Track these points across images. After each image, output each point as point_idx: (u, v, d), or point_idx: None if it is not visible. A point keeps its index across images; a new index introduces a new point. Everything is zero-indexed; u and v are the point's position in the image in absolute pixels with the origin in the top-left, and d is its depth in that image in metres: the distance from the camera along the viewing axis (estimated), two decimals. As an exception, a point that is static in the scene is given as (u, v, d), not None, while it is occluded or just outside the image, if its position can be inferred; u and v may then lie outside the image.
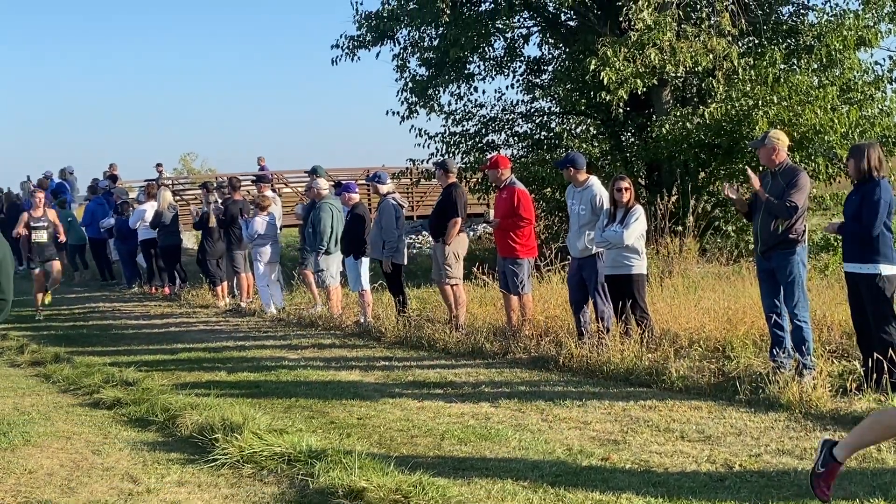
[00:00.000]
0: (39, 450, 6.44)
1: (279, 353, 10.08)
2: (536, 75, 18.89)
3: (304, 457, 5.72)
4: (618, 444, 6.08)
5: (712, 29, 14.39)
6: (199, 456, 6.06)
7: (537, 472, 5.51)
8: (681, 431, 6.30)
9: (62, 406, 7.95)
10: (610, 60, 13.48)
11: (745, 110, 13.85)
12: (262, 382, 8.60)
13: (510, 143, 18.02)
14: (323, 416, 7.14)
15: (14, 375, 9.35)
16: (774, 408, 6.73)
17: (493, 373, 8.52)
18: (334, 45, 17.36)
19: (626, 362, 8.05)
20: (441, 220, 10.53)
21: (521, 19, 17.96)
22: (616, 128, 17.12)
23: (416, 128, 17.29)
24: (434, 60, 16.93)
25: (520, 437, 6.30)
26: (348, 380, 8.54)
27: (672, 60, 13.62)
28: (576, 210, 9.17)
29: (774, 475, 5.33)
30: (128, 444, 6.53)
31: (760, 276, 7.66)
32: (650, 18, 13.67)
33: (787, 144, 7.56)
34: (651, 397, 7.28)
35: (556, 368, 8.49)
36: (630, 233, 8.44)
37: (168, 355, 10.27)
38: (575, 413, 6.92)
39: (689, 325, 8.88)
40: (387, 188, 11.45)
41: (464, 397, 7.58)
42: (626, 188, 8.62)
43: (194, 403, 7.32)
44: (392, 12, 16.87)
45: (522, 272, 9.73)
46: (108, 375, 8.80)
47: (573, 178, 9.22)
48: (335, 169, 26.57)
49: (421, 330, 10.24)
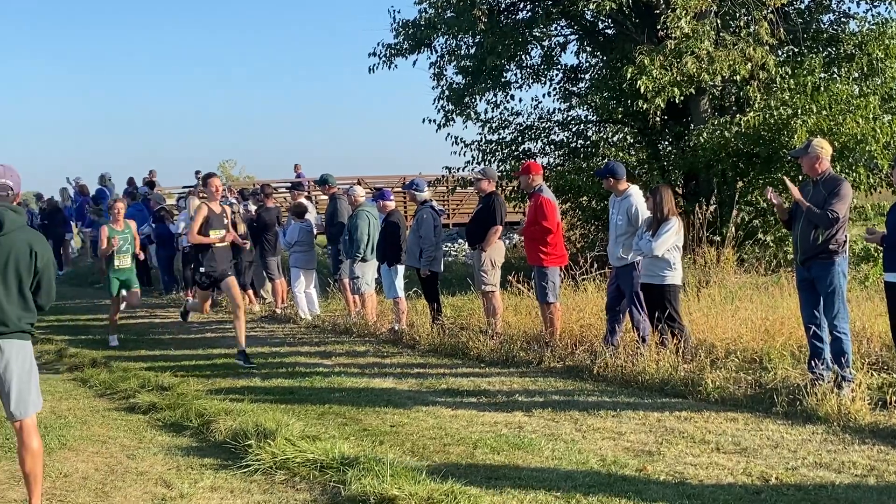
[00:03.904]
0: (75, 453, 6.51)
1: (313, 360, 10.11)
2: (573, 83, 18.81)
3: (336, 464, 5.74)
4: (652, 455, 6.02)
5: (751, 37, 14.25)
6: (232, 461, 6.10)
7: (570, 482, 5.47)
8: (716, 443, 6.23)
9: (98, 410, 8.04)
10: (647, 69, 13.39)
11: (785, 119, 13.68)
12: (295, 389, 8.63)
13: (546, 152, 17.94)
14: (356, 423, 7.15)
15: (52, 380, 9.45)
16: (812, 420, 6.63)
17: (527, 381, 8.48)
18: (372, 54, 17.39)
19: (661, 372, 7.98)
20: (479, 227, 10.52)
21: (558, 27, 17.90)
22: (653, 136, 16.99)
23: (452, 136, 17.28)
24: (471, 68, 16.90)
25: (553, 446, 6.26)
26: (382, 387, 8.54)
27: (709, 69, 13.49)
28: (614, 219, 9.12)
29: (812, 489, 5.24)
30: (162, 449, 6.58)
31: (800, 286, 7.56)
32: (688, 27, 13.57)
33: (829, 154, 7.46)
34: (686, 408, 7.21)
35: (590, 378, 8.43)
36: (660, 244, 8.35)
37: (203, 360, 10.35)
38: (609, 423, 6.86)
39: (726, 336, 8.79)
40: (425, 196, 11.46)
41: (497, 406, 7.55)
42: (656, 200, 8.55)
43: (228, 409, 7.38)
44: (429, 20, 16.87)
45: (547, 281, 9.67)
46: (144, 380, 8.90)
47: (613, 188, 9.16)
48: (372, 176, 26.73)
49: (455, 338, 10.22)
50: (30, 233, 5.10)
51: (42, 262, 5.04)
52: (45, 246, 5.17)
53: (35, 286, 5.06)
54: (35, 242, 5.05)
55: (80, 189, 24.13)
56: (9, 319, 4.96)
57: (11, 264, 4.94)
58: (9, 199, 5.06)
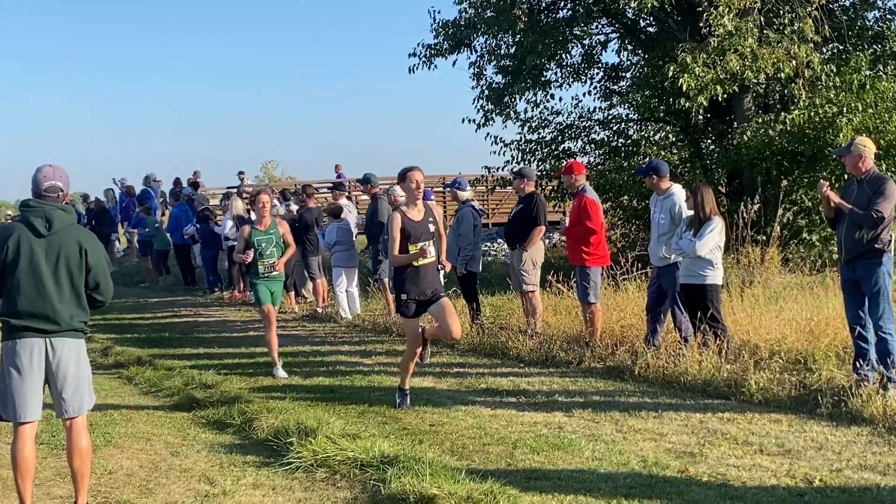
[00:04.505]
0: (120, 450, 6.61)
1: (354, 359, 10.17)
2: (614, 82, 18.71)
3: (376, 462, 5.77)
4: (694, 456, 5.98)
5: (795, 35, 14.07)
6: (274, 459, 6.16)
7: (611, 483, 5.45)
8: (760, 445, 6.17)
9: (143, 408, 8.15)
10: (689, 67, 13.28)
11: (830, 117, 13.49)
12: (336, 387, 8.68)
13: (587, 151, 17.86)
14: (396, 421, 7.18)
15: (98, 377, 9.56)
16: (857, 422, 6.55)
17: (567, 382, 8.45)
18: (412, 54, 17.43)
19: (703, 373, 7.91)
20: (519, 227, 10.50)
21: (599, 26, 17.81)
22: (696, 135, 16.85)
23: (491, 135, 17.27)
24: (510, 68, 16.87)
25: (593, 447, 6.24)
26: (421, 386, 8.56)
27: (753, 67, 13.35)
28: (656, 218, 9.05)
29: (856, 491, 5.17)
30: (205, 446, 6.66)
31: (844, 286, 7.46)
32: (731, 24, 13.44)
33: (873, 152, 7.35)
34: (729, 409, 7.14)
35: (631, 378, 8.38)
36: (703, 244, 8.28)
37: (246, 359, 10.44)
38: (650, 424, 6.82)
39: (770, 337, 8.69)
40: (466, 195, 11.47)
41: (537, 406, 7.54)
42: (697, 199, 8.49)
43: (270, 407, 7.45)
44: (469, 20, 16.86)
45: (588, 281, 9.62)
46: (188, 378, 9.01)
47: (655, 186, 9.09)
48: (412, 176, 26.70)
49: (494, 337, 10.22)
50: (79, 231, 5.19)
51: (93, 258, 5.12)
52: (96, 243, 5.24)
53: (92, 283, 5.14)
54: (84, 240, 5.13)
55: (127, 190, 24.48)
56: (61, 318, 5.04)
57: (62, 263, 5.03)
58: (59, 200, 5.15)
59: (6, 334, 5.05)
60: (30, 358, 5.00)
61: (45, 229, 5.01)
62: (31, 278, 4.99)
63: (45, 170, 5.18)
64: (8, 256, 5.01)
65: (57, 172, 5.20)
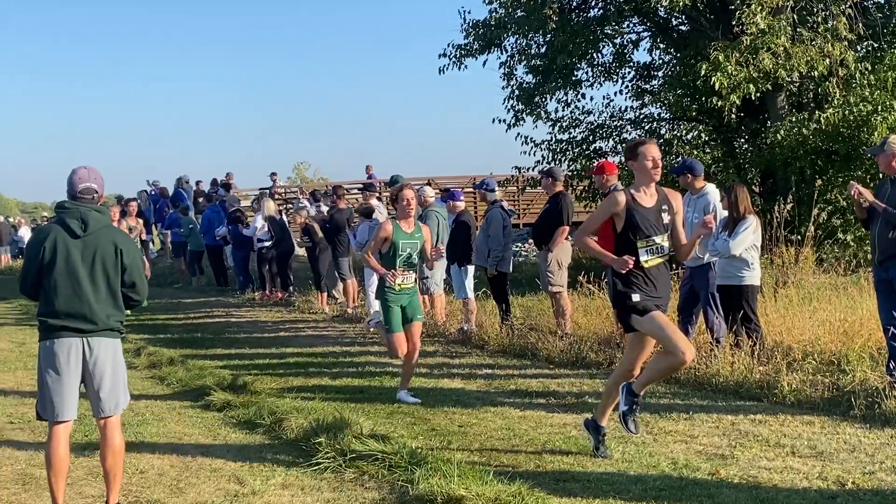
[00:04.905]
0: (151, 450, 6.66)
1: (383, 360, 10.17)
2: (646, 81, 18.60)
3: (404, 463, 5.76)
4: (725, 458, 5.92)
5: (829, 33, 13.91)
6: (303, 459, 6.17)
7: (640, 485, 5.41)
8: (792, 447, 6.10)
9: (175, 408, 8.22)
10: (722, 65, 13.19)
11: (864, 116, 13.33)
12: (365, 388, 8.71)
13: (618, 150, 17.72)
14: (424, 422, 7.18)
15: (131, 377, 9.60)
16: (891, 424, 6.46)
17: (598, 383, 8.40)
18: (442, 55, 17.45)
19: (735, 375, 7.84)
20: (546, 227, 10.46)
21: (630, 25, 17.72)
22: (729, 134, 16.68)
23: (522, 135, 17.24)
24: (541, 67, 16.82)
25: (623, 449, 6.20)
26: (450, 387, 8.56)
27: (786, 65, 13.22)
28: (689, 218, 8.94)
29: (889, 494, 5.10)
30: (235, 446, 6.70)
31: (878, 287, 7.37)
32: (763, 22, 13.32)
33: (907, 150, 7.23)
34: (761, 411, 7.08)
35: (662, 380, 8.31)
36: (737, 243, 8.21)
37: (277, 359, 10.50)
38: (681, 426, 6.77)
39: (803, 338, 8.61)
40: (495, 195, 11.46)
41: (567, 407, 7.50)
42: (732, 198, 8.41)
43: (300, 407, 7.48)
44: (499, 20, 16.85)
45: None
46: (219, 378, 9.06)
47: (690, 185, 8.99)
48: (442, 177, 26.80)
49: (524, 338, 10.19)
50: (114, 231, 5.25)
51: (128, 258, 5.17)
52: (130, 243, 5.31)
53: (128, 282, 5.20)
54: (119, 240, 5.18)
55: (161, 192, 24.71)
56: (98, 318, 5.09)
57: (98, 263, 5.08)
58: (94, 202, 5.21)
59: (44, 334, 5.11)
60: (67, 357, 5.05)
61: (80, 230, 5.07)
62: (68, 279, 5.05)
63: (80, 172, 5.24)
64: (45, 257, 5.07)
65: (92, 174, 5.25)
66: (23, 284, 5.21)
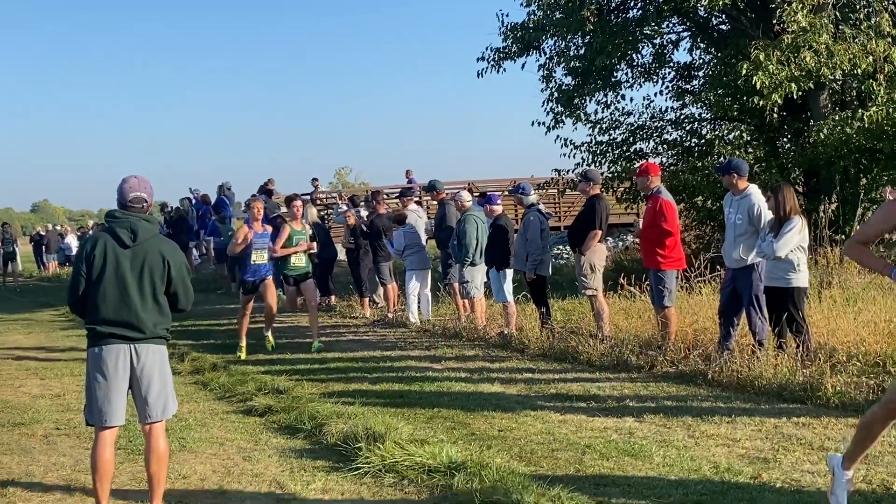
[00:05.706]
0: (194, 455, 6.73)
1: (423, 364, 10.19)
2: (686, 81, 18.47)
3: (444, 467, 5.77)
4: (768, 462, 5.85)
5: (871, 30, 13.70)
6: (343, 464, 6.20)
7: (682, 490, 5.36)
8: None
9: (217, 413, 8.29)
10: (763, 64, 13.05)
11: (909, 113, 13.11)
12: (405, 392, 8.72)
13: (659, 151, 17.65)
14: (464, 427, 7.17)
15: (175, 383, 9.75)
16: (939, 427, 6.32)
17: (639, 386, 8.34)
18: (480, 58, 17.46)
19: (779, 377, 7.73)
20: (581, 230, 10.42)
21: (669, 25, 17.60)
22: (771, 133, 16.50)
23: (561, 138, 17.19)
24: (580, 69, 16.76)
25: (664, 453, 6.15)
26: (490, 391, 8.54)
27: (828, 63, 13.04)
28: (732, 219, 8.83)
29: (938, 500, 5.00)
30: (277, 451, 6.74)
31: (924, 287, 7.22)
32: (805, 20, 13.16)
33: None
34: (805, 414, 6.97)
35: (704, 383, 8.23)
36: (783, 244, 8.09)
37: (317, 364, 10.56)
38: (723, 429, 6.69)
39: (848, 339, 8.48)
40: (531, 199, 11.43)
41: (607, 411, 7.45)
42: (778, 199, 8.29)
43: (340, 412, 7.50)
44: (537, 23, 16.82)
45: (664, 285, 9.47)
46: (261, 384, 9.13)
47: (733, 186, 8.86)
48: (482, 181, 26.78)
49: (565, 342, 10.13)
50: (161, 241, 5.32)
51: (175, 268, 5.26)
52: (178, 253, 5.38)
53: (172, 291, 5.27)
54: (166, 250, 5.26)
55: (203, 198, 24.95)
56: (145, 326, 5.17)
57: (146, 272, 5.17)
58: (143, 211, 5.28)
59: (92, 341, 5.19)
60: (115, 364, 5.14)
61: (130, 240, 5.15)
62: (117, 288, 5.13)
63: (130, 181, 5.30)
64: (94, 265, 5.15)
65: (142, 184, 5.32)
66: (72, 296, 5.26)
